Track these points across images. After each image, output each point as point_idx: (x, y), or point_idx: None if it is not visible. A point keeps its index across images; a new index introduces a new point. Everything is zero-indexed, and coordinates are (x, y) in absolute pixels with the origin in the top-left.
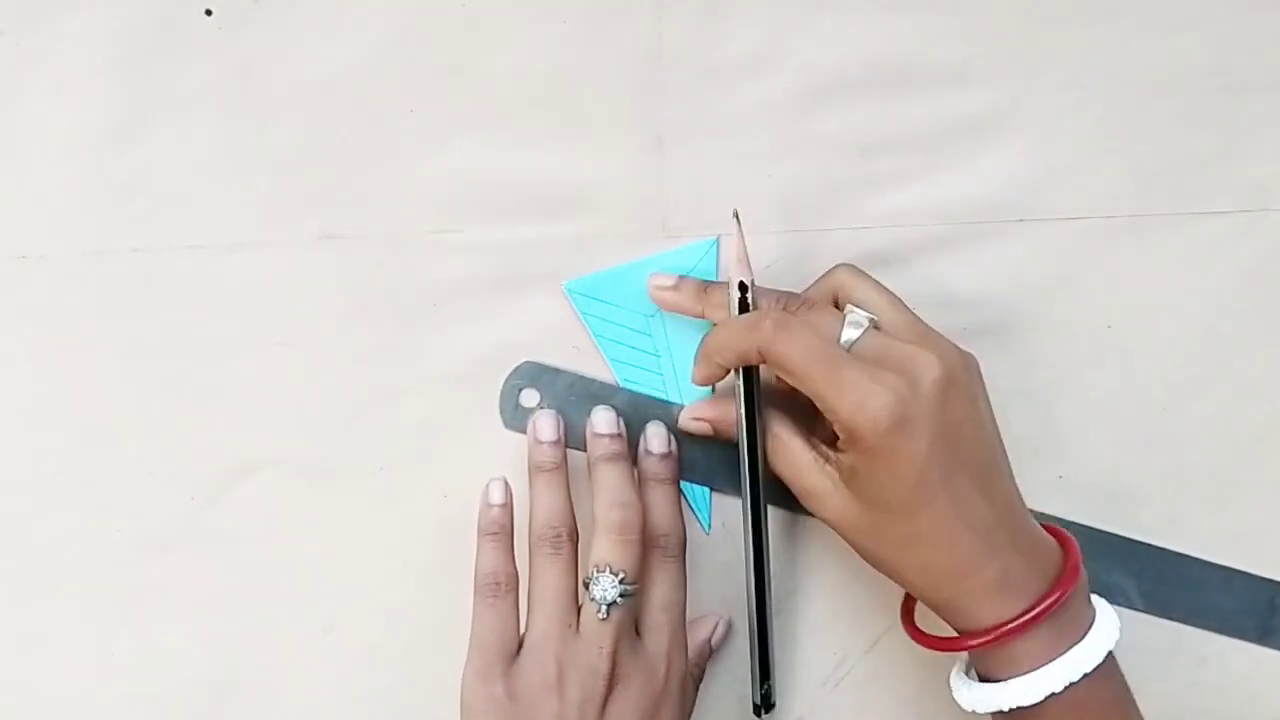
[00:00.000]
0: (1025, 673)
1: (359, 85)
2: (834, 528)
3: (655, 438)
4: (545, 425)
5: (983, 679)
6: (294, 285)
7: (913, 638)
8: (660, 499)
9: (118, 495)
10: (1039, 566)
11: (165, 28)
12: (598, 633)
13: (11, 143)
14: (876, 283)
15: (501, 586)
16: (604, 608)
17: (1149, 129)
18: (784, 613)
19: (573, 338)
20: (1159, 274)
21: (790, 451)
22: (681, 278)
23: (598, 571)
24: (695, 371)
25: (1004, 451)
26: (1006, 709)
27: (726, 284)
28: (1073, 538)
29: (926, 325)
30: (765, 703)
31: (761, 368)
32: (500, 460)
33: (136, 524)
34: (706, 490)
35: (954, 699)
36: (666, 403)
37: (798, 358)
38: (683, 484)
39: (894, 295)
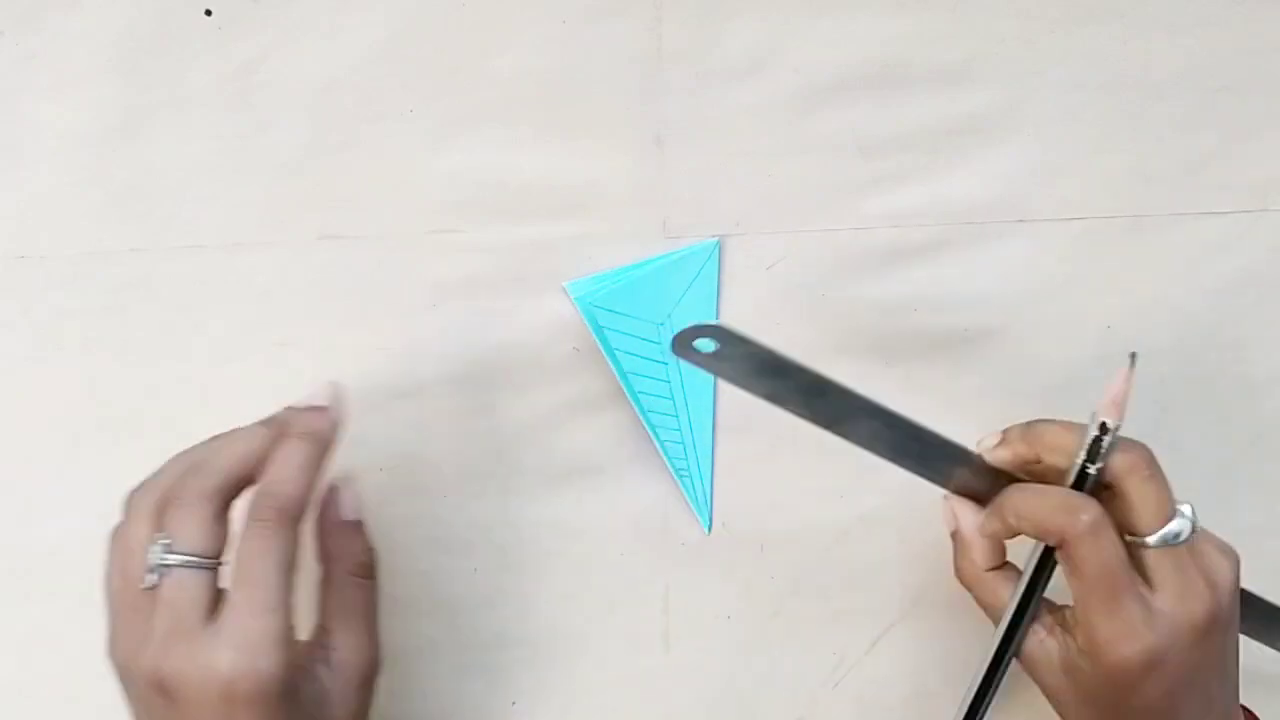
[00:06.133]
0: None
1: (359, 85)
2: (1039, 686)
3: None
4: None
5: None
6: (294, 285)
7: None
8: (284, 456)
9: (118, 495)
10: None
11: (165, 28)
12: (150, 616)
13: (11, 143)
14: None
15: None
16: (151, 576)
17: (1149, 129)
18: (784, 612)
19: (572, 339)
20: (1159, 274)
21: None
22: (1004, 432)
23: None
24: (985, 522)
25: (1237, 671)
26: None
27: (1051, 422)
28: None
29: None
30: None
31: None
32: (500, 460)
33: None
34: (708, 489)
35: None
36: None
37: (1094, 569)
38: (681, 481)
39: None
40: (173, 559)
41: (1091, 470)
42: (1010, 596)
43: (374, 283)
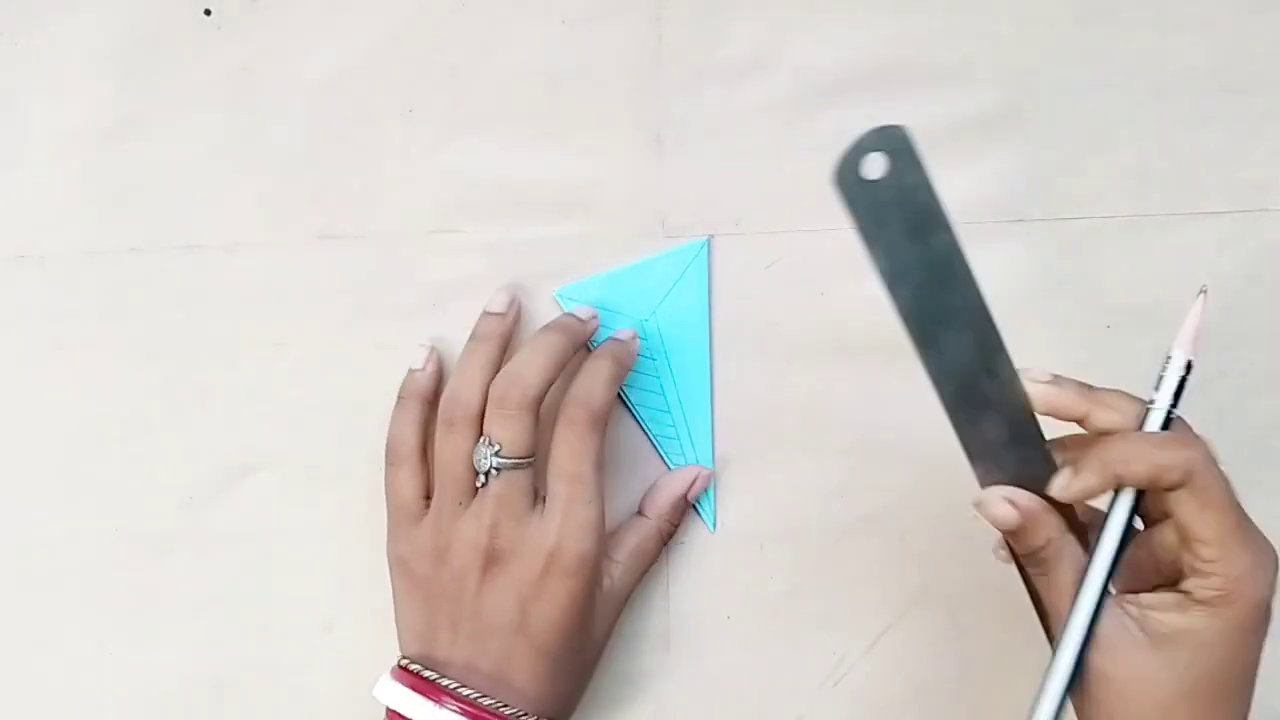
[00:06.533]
0: None
1: (359, 85)
2: (1117, 688)
3: (579, 311)
4: (498, 298)
5: None
6: (294, 285)
7: None
8: (593, 369)
9: (118, 495)
10: None
11: (165, 28)
12: (479, 505)
13: (11, 143)
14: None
15: (397, 455)
16: (482, 476)
17: (1149, 129)
18: (784, 612)
19: None
20: (1159, 274)
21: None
22: (1057, 375)
23: (480, 443)
24: (1072, 480)
25: None
26: None
27: (1114, 390)
28: None
29: None
30: None
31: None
32: None
33: (136, 524)
34: (711, 487)
35: None
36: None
37: (1223, 495)
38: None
39: None
40: (504, 463)
41: (1174, 415)
42: (1092, 551)
43: (374, 283)
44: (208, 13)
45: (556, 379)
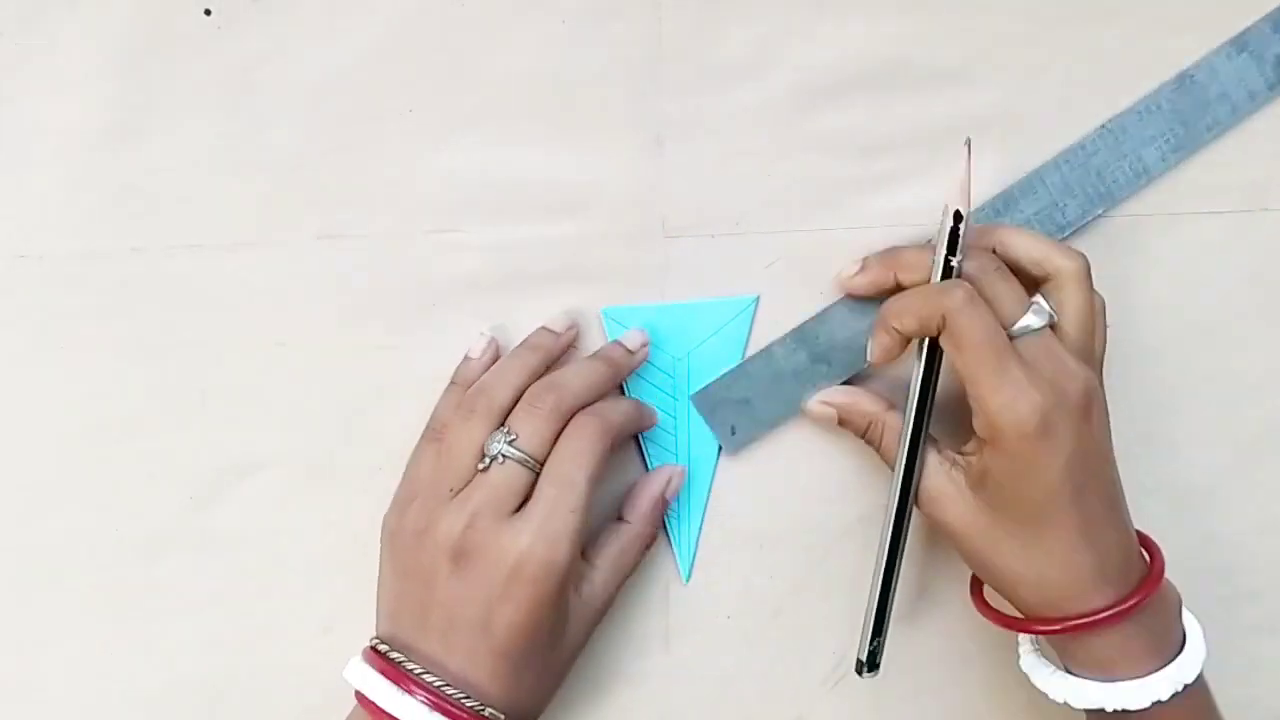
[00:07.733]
0: (1132, 677)
1: (359, 85)
2: (950, 533)
3: (629, 338)
4: (559, 319)
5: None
6: (294, 285)
7: (982, 613)
8: (618, 402)
9: (118, 495)
10: (1133, 584)
11: (165, 28)
12: (469, 491)
13: (11, 143)
14: (1089, 287)
15: (432, 431)
16: (485, 460)
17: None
18: (784, 612)
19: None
20: (1159, 274)
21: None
22: (864, 259)
23: (497, 430)
24: (873, 344)
25: (1121, 487)
26: (1110, 709)
27: (911, 246)
28: (1158, 547)
29: (1091, 344)
30: (871, 661)
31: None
32: None
33: (136, 524)
34: (694, 538)
35: (1034, 684)
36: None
37: (976, 336)
38: (668, 522)
39: (1092, 303)
40: (513, 453)
41: (954, 262)
42: (907, 401)
43: (374, 283)
44: (208, 13)
45: (589, 404)
